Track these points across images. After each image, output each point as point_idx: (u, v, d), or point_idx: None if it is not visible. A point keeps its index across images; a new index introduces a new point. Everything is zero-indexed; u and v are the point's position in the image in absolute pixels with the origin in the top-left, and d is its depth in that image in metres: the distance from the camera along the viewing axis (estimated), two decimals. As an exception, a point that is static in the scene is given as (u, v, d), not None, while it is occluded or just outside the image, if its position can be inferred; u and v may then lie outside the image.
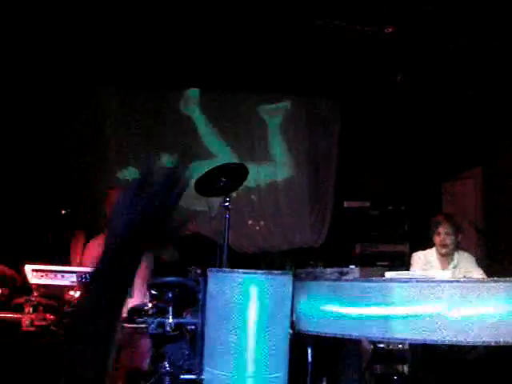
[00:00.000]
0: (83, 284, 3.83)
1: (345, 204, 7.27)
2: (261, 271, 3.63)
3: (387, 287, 3.56)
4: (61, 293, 3.96)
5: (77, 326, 1.11)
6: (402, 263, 6.11)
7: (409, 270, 4.74)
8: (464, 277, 4.39)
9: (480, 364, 3.77)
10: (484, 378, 3.81)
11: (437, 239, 4.66)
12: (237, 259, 5.43)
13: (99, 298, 1.12)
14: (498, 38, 5.55)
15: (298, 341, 3.97)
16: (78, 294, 3.82)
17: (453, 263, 4.64)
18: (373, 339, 4.18)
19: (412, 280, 3.60)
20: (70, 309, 3.76)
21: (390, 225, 7.15)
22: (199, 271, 4.45)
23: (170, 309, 3.99)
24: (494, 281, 3.41)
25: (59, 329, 3.64)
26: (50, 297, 3.97)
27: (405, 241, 7.03)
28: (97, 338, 1.09)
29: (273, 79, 6.86)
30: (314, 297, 3.87)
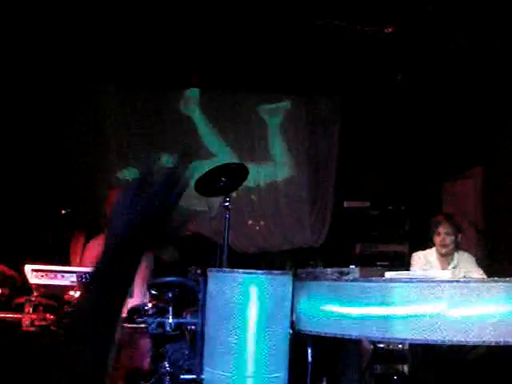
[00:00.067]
0: (83, 284, 3.82)
1: (345, 204, 7.26)
2: (261, 271, 3.63)
3: (387, 287, 3.56)
4: (61, 293, 3.96)
5: (77, 326, 1.11)
6: (402, 263, 6.10)
7: (409, 270, 4.74)
8: (464, 277, 4.40)
9: (480, 364, 3.77)
10: (484, 378, 3.81)
11: (437, 239, 4.66)
12: (237, 259, 5.42)
13: (99, 298, 1.12)
14: (498, 38, 5.55)
15: (298, 341, 3.97)
16: (78, 294, 3.81)
17: (453, 263, 4.64)
18: (373, 339, 4.18)
19: (412, 280, 3.60)
20: (70, 309, 3.76)
21: (390, 225, 7.15)
22: (199, 271, 4.46)
23: (170, 309, 3.99)
24: (494, 281, 3.41)
25: (59, 329, 3.64)
26: (50, 297, 3.97)
27: (405, 241, 7.02)
28: (97, 338, 1.09)
29: (273, 79, 6.86)
30: (314, 297, 3.87)
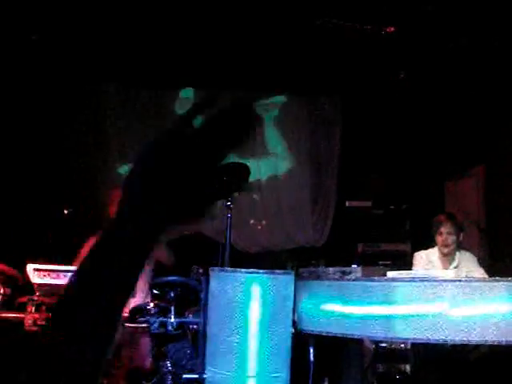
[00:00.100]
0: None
1: (347, 203, 7.26)
2: (263, 271, 3.63)
3: (389, 286, 3.56)
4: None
5: (76, 326, 1.08)
6: (404, 262, 6.09)
7: (411, 269, 4.74)
8: (466, 276, 4.40)
9: (482, 363, 3.77)
10: (486, 378, 3.81)
11: (439, 239, 4.66)
12: (239, 258, 5.42)
13: (99, 295, 1.04)
14: (498, 38, 5.55)
15: (300, 340, 3.97)
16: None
17: (454, 263, 4.65)
18: (375, 338, 4.18)
19: (414, 279, 3.60)
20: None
21: (392, 224, 7.15)
22: (201, 271, 4.45)
23: (172, 308, 3.99)
24: (496, 280, 3.41)
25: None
26: (53, 296, 3.97)
27: (407, 240, 7.02)
28: (97, 338, 1.07)
29: (273, 79, 6.85)
30: (316, 296, 3.87)
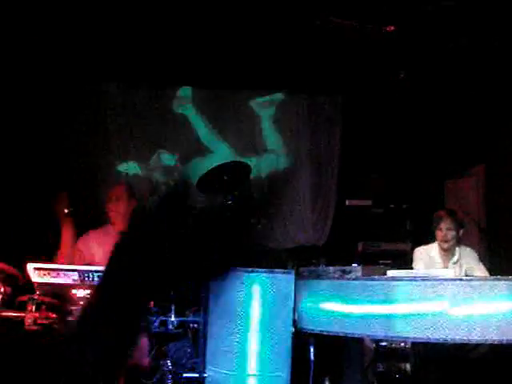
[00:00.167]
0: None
1: (347, 202, 7.25)
2: (263, 270, 3.63)
3: (390, 285, 3.56)
4: (64, 291, 3.96)
5: (82, 327, 1.08)
6: (405, 261, 6.09)
7: (411, 268, 4.75)
8: (466, 275, 4.40)
9: (483, 362, 3.76)
10: (487, 377, 3.80)
11: (439, 234, 4.68)
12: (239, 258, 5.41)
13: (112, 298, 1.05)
14: (498, 38, 5.55)
15: (300, 339, 3.97)
16: (85, 293, 3.80)
17: (454, 258, 4.67)
18: (375, 337, 4.18)
19: (415, 278, 3.60)
20: (77, 308, 3.74)
21: (393, 223, 7.14)
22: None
23: (173, 307, 3.99)
24: (497, 279, 3.41)
25: (62, 327, 3.64)
26: (53, 295, 3.96)
27: (407, 239, 7.02)
28: (97, 338, 1.06)
29: (274, 79, 6.85)
30: (317, 295, 3.87)
